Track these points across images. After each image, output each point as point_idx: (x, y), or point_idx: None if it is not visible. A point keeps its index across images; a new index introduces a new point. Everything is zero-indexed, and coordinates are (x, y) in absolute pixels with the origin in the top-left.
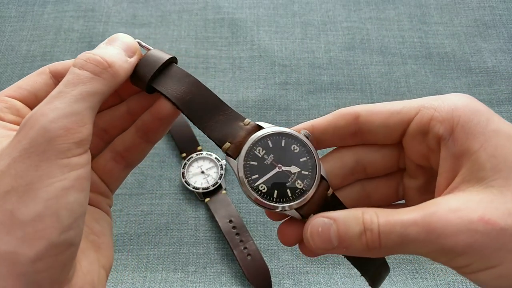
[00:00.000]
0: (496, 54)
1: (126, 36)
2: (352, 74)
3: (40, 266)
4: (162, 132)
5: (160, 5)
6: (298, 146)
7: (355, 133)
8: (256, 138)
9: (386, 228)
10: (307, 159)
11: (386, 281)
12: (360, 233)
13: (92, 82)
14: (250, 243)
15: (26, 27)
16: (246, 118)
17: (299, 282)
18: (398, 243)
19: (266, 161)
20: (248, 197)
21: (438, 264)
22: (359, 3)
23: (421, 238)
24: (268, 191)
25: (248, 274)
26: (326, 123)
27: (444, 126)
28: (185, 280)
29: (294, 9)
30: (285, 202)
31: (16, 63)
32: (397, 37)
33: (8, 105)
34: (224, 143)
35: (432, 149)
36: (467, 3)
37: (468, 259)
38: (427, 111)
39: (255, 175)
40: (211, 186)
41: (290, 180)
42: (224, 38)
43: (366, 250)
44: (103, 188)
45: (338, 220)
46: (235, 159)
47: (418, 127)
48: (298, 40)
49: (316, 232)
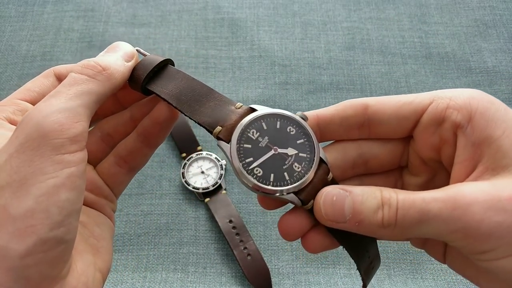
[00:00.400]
0: (496, 54)
1: (124, 43)
2: (352, 74)
3: (30, 261)
4: (162, 137)
5: (160, 5)
6: (294, 128)
7: (362, 124)
8: (249, 119)
9: (405, 203)
10: (304, 141)
11: (386, 281)
12: (377, 207)
13: (86, 83)
14: (250, 243)
15: (26, 27)
16: (238, 102)
17: (299, 282)
18: (416, 220)
19: (260, 144)
20: (242, 182)
21: (438, 264)
22: (359, 3)
23: (443, 215)
24: (263, 174)
25: (248, 274)
26: (333, 112)
27: (462, 113)
28: (185, 280)
29: (294, 9)
30: (283, 186)
31: (16, 63)
32: (397, 37)
33: (20, 108)
34: (215, 127)
35: (445, 139)
36: (467, 3)
37: (492, 243)
38: (442, 100)
39: (249, 158)
40: (211, 186)
41: (287, 163)
42: (224, 38)
43: (379, 227)
44: (107, 192)
45: (355, 192)
46: (227, 143)
47: (432, 117)
48: (298, 40)
49: (330, 201)
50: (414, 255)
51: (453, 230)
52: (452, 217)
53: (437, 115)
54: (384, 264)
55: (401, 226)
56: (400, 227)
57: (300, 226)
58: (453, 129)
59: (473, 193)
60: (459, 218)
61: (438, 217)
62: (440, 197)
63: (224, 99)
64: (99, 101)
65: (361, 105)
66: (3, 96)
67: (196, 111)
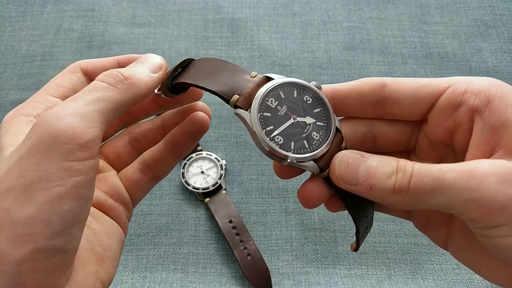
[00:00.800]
0: (497, 54)
1: (153, 56)
2: (352, 74)
3: (26, 269)
4: (189, 147)
5: (160, 5)
6: (310, 97)
7: (378, 103)
8: (268, 88)
9: (421, 171)
10: (320, 110)
11: (386, 281)
12: (391, 172)
13: (106, 90)
14: (250, 243)
15: (26, 27)
16: (252, 71)
17: (299, 283)
18: (430, 188)
19: (279, 112)
20: (263, 150)
21: (438, 265)
22: (359, 3)
23: (458, 184)
24: (284, 142)
25: (248, 274)
26: (350, 87)
27: (480, 98)
28: (185, 280)
29: (294, 9)
30: (304, 153)
31: (16, 63)
32: (397, 37)
33: (53, 105)
34: (231, 96)
35: (460, 123)
36: (467, 3)
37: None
38: (460, 85)
39: (270, 127)
40: (211, 186)
41: (306, 131)
42: (224, 38)
43: (391, 192)
44: (126, 199)
45: (371, 158)
46: (246, 111)
47: (449, 100)
48: (298, 40)
49: (346, 162)
50: (414, 255)
51: (466, 200)
52: (467, 186)
53: (455, 99)
54: (384, 264)
55: (413, 192)
56: (412, 194)
57: (319, 193)
58: (469, 114)
59: (491, 166)
60: (474, 188)
61: (453, 186)
62: (457, 168)
63: (238, 68)
64: (118, 109)
65: (379, 82)
66: (3, 96)
67: (210, 82)
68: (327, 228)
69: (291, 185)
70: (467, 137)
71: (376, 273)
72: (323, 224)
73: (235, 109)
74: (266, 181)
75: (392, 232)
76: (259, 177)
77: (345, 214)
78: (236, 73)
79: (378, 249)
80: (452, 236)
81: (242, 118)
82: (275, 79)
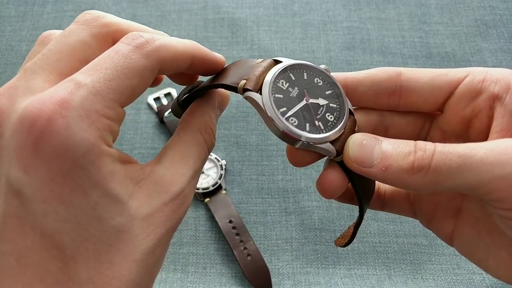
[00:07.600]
0: (497, 54)
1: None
2: None
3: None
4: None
5: (160, 5)
6: (320, 79)
7: (393, 92)
8: (278, 69)
9: (445, 148)
10: (332, 92)
11: (387, 281)
12: (408, 152)
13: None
14: (250, 243)
15: (26, 27)
16: (259, 59)
17: (299, 283)
18: (456, 165)
19: (291, 94)
20: (276, 132)
21: (438, 265)
22: (359, 3)
23: (490, 159)
24: (299, 124)
25: (248, 274)
26: (364, 75)
27: (500, 85)
28: (185, 280)
29: (294, 9)
30: (320, 134)
31: (16, 63)
32: (397, 37)
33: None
34: (238, 83)
35: (479, 112)
36: (468, 3)
37: None
38: (478, 73)
39: (283, 108)
40: (211, 186)
41: (320, 112)
42: (224, 38)
43: (409, 171)
44: None
45: (386, 141)
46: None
47: (469, 88)
48: (298, 40)
49: (359, 143)
50: (414, 255)
51: (498, 176)
52: (500, 161)
53: (474, 87)
54: (384, 264)
55: (435, 171)
56: (433, 173)
57: (339, 180)
58: (489, 101)
59: None
60: (507, 162)
61: (485, 161)
62: (486, 145)
63: (243, 60)
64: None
65: (395, 71)
66: None
67: (218, 80)
68: (327, 228)
69: (291, 185)
70: (484, 126)
71: (376, 273)
72: (323, 224)
73: (244, 93)
74: (266, 181)
75: (392, 232)
76: (259, 177)
77: (345, 214)
78: (242, 64)
79: (378, 249)
80: (459, 229)
81: (252, 100)
82: (284, 61)
